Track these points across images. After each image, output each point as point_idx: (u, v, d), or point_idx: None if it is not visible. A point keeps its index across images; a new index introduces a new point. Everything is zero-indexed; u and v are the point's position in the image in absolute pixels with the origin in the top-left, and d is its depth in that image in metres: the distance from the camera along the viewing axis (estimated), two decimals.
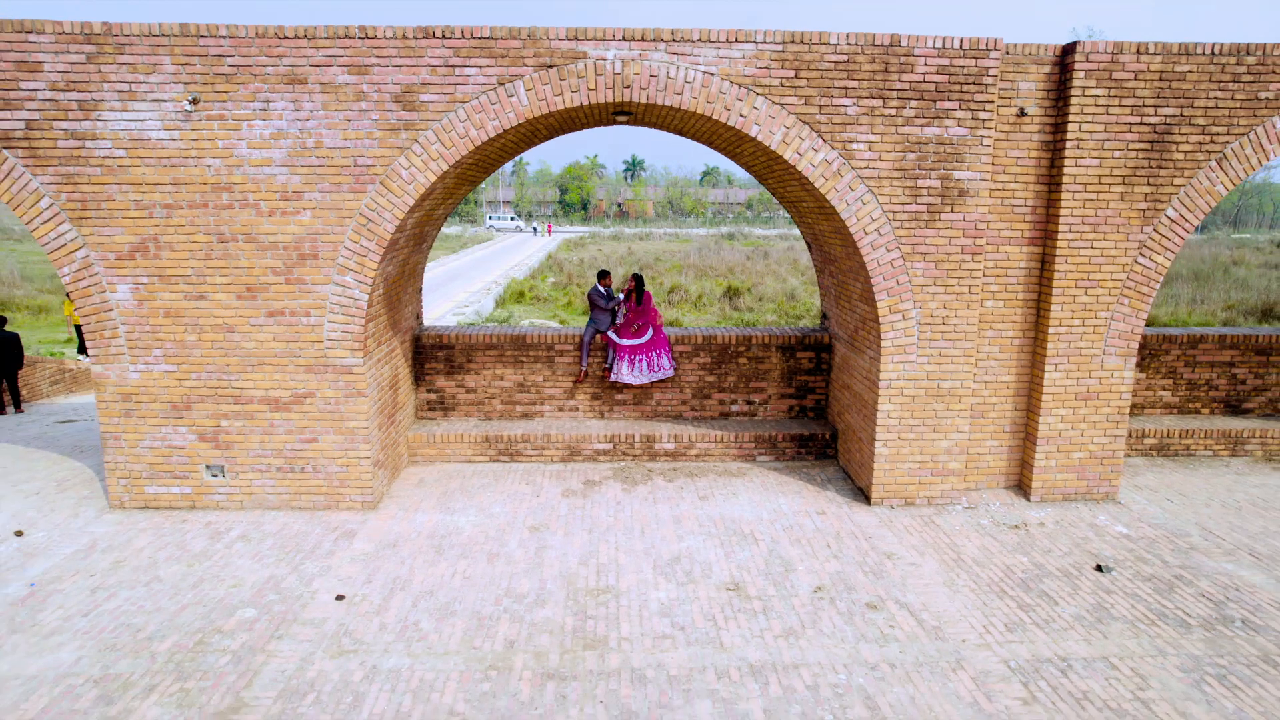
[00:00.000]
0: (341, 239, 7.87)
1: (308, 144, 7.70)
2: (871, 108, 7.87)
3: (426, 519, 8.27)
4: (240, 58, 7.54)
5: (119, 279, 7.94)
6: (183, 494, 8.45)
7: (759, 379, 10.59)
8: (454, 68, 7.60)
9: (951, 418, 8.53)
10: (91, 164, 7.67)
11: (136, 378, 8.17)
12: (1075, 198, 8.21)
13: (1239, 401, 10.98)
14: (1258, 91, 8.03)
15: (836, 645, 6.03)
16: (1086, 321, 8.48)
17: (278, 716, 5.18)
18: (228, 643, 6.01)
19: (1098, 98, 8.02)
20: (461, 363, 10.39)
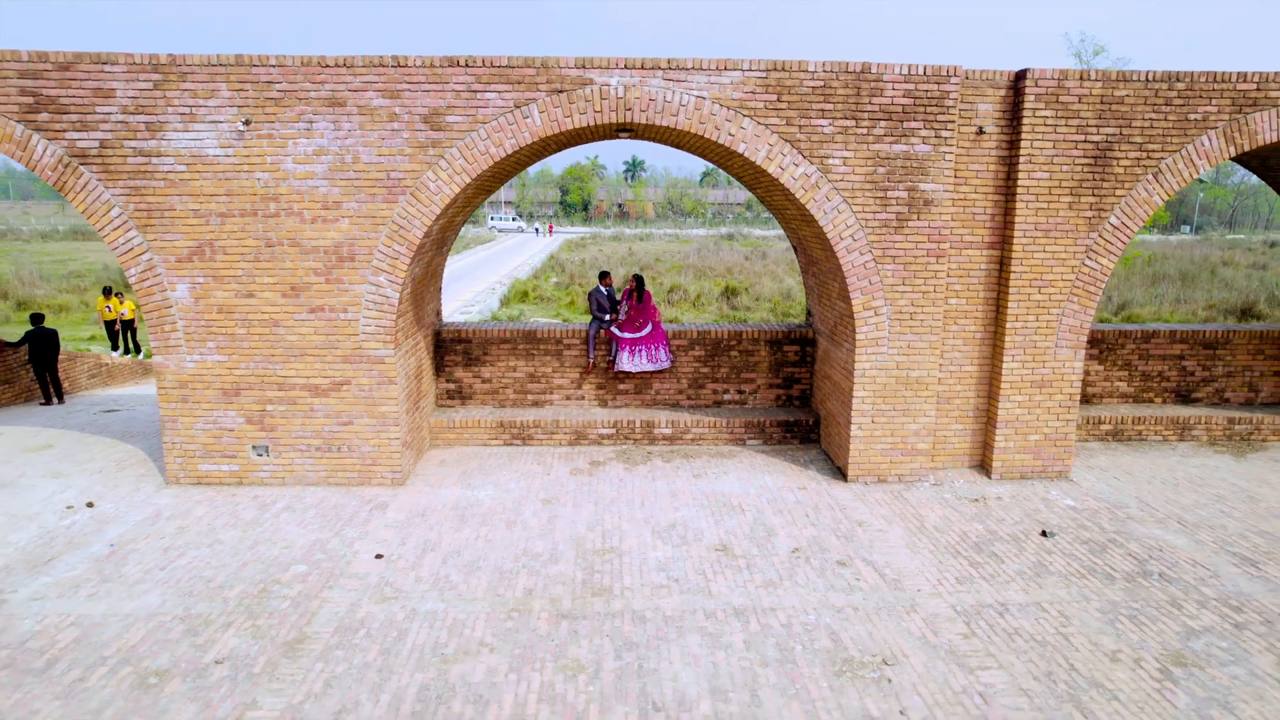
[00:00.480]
0: (376, 244, 8.88)
1: (346, 160, 8.71)
2: (845, 127, 8.88)
3: (450, 493, 9.28)
4: (287, 84, 8.55)
5: (178, 279, 8.95)
6: (231, 471, 9.46)
7: (749, 370, 11.60)
8: (476, 93, 8.61)
9: (919, 403, 9.53)
10: (156, 178, 8.68)
11: (192, 367, 9.18)
12: (1029, 207, 9.21)
13: (1188, 391, 11.99)
14: (1187, 114, 9.03)
15: (809, 594, 7.04)
16: (1040, 317, 9.48)
17: (336, 645, 6.19)
18: (286, 591, 7.02)
19: (1047, 118, 9.02)
20: (478, 355, 11.40)
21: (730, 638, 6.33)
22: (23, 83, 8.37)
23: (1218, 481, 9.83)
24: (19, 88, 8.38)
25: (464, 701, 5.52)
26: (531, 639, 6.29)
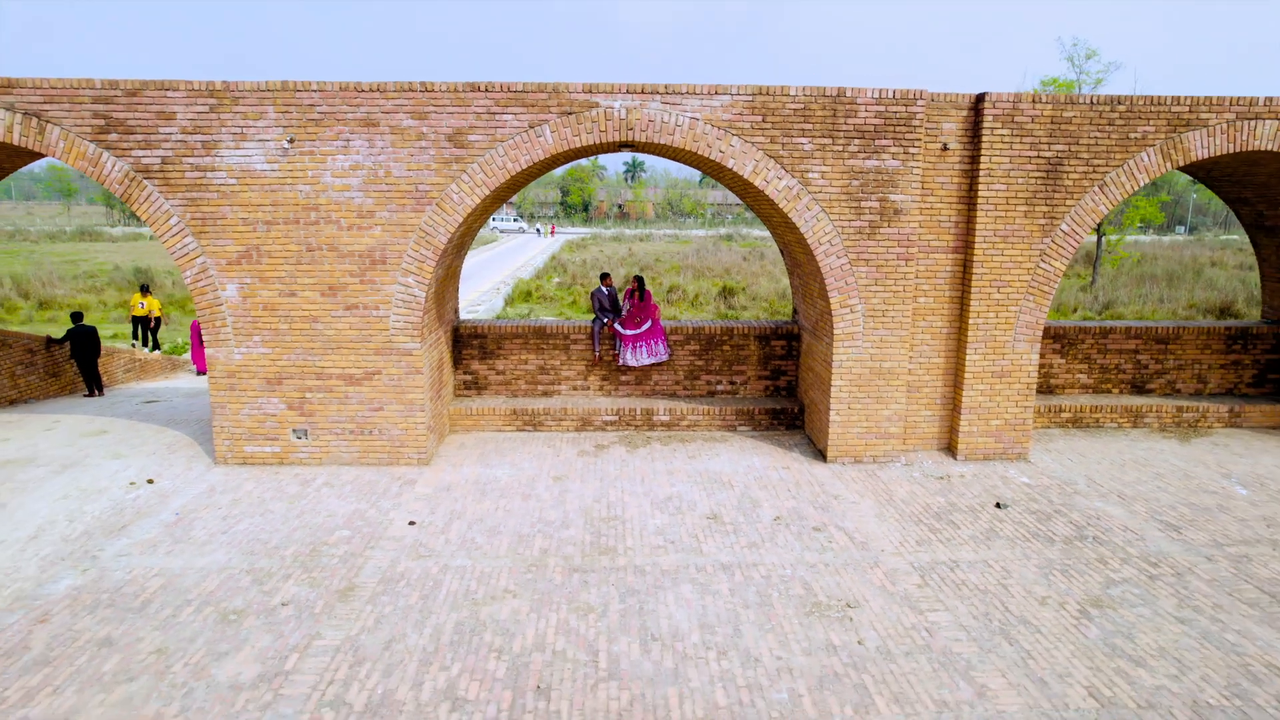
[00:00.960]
0: (405, 248, 9.97)
1: (379, 174, 9.80)
2: (823, 145, 9.96)
3: (470, 471, 10.37)
4: (327, 106, 9.64)
5: (228, 280, 10.04)
6: (273, 452, 10.54)
7: (740, 363, 12.68)
8: (495, 114, 9.70)
9: (891, 392, 10.62)
10: (210, 190, 9.76)
11: (239, 358, 10.27)
12: (988, 215, 10.29)
13: (1143, 383, 13.07)
14: (1128, 133, 10.12)
15: (787, 553, 8.12)
16: (999, 314, 10.57)
17: (381, 592, 7.28)
18: (334, 550, 8.11)
19: (1004, 136, 10.10)
20: (492, 349, 12.49)
21: (718, 586, 7.42)
22: (95, 107, 9.45)
23: (1160, 462, 10.92)
24: (92, 111, 9.47)
25: (493, 634, 6.60)
26: (548, 587, 7.38)
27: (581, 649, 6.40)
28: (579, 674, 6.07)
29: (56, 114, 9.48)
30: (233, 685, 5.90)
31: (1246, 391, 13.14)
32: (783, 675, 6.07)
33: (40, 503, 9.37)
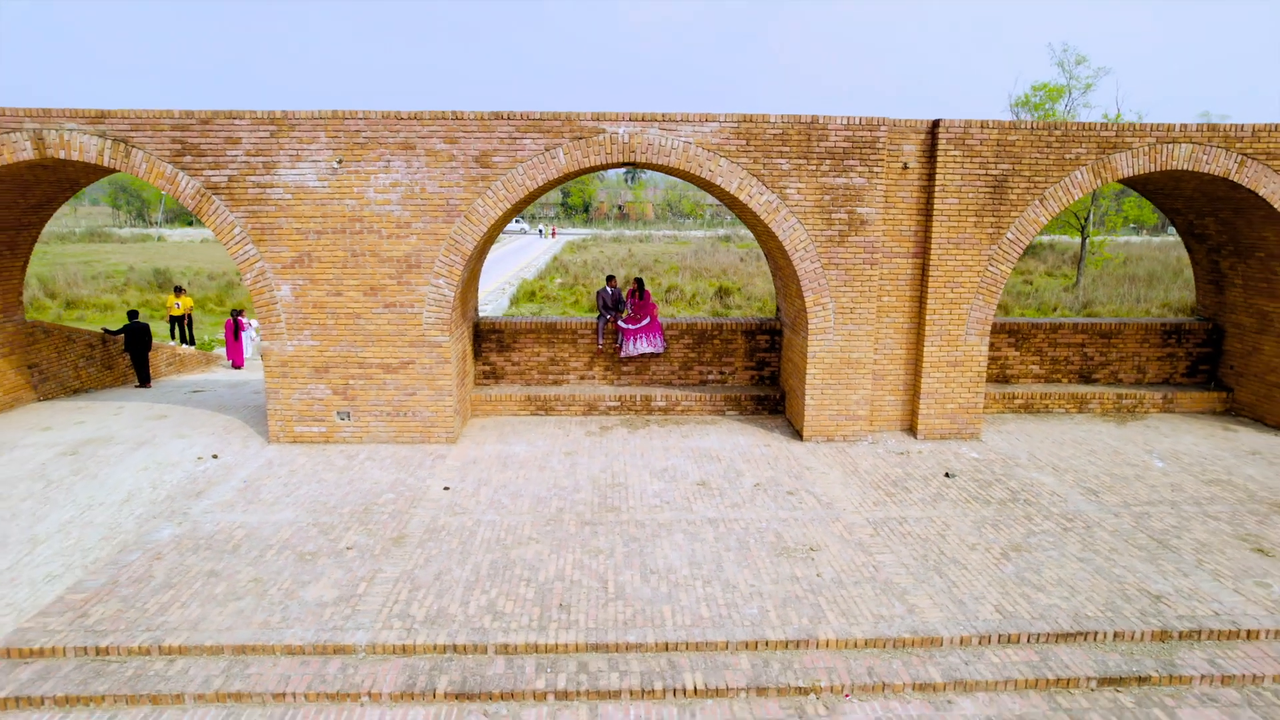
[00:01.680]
0: (437, 254, 11.51)
1: (415, 190, 11.34)
2: (799, 164, 11.51)
3: (492, 448, 11.92)
4: (371, 132, 11.18)
5: (283, 281, 11.58)
6: (319, 431, 12.08)
7: (729, 355, 14.23)
8: (515, 139, 11.24)
9: (858, 379, 12.17)
10: (269, 204, 11.31)
11: (292, 350, 11.81)
12: (943, 225, 11.84)
13: (1089, 373, 14.63)
14: (1064, 154, 11.67)
15: (763, 511, 9.67)
16: (953, 311, 12.12)
17: (428, 539, 8.82)
18: (383, 509, 9.66)
19: (956, 157, 11.65)
20: (509, 343, 14.04)
21: (704, 535, 8.97)
22: (173, 134, 11.00)
23: (1095, 441, 12.48)
24: (170, 137, 11.01)
25: (522, 569, 8.15)
26: (564, 536, 8.93)
27: (594, 579, 7.96)
28: (592, 596, 7.63)
29: (140, 140, 11.03)
30: (318, 603, 7.45)
31: (1180, 381, 14.70)
32: (754, 597, 7.62)
33: (125, 473, 10.92)
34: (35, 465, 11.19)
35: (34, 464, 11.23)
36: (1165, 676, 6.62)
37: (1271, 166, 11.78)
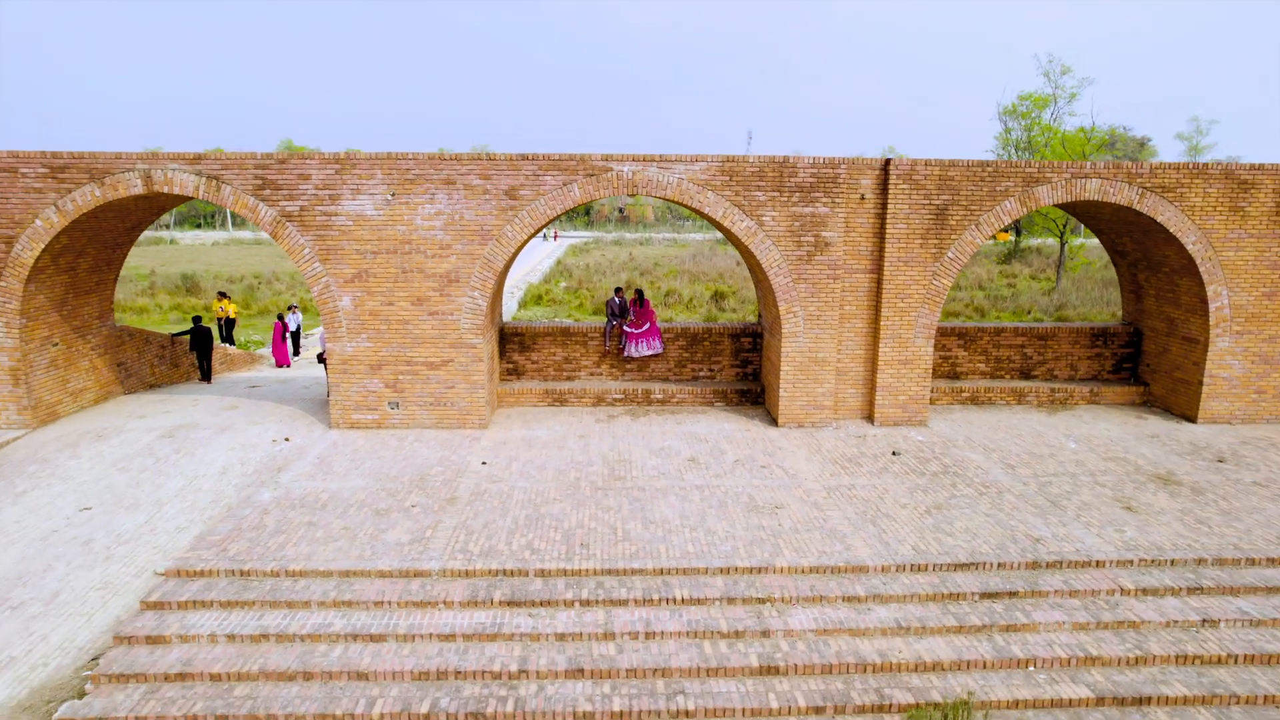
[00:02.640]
0: (473, 271, 13.85)
1: (455, 218, 13.68)
2: (774, 196, 13.85)
3: (518, 432, 14.26)
4: (419, 170, 13.52)
5: (344, 293, 13.92)
6: (373, 419, 14.42)
7: (717, 355, 16.58)
8: (538, 176, 13.59)
9: (824, 375, 14.51)
10: (333, 230, 13.65)
11: (351, 350, 14.15)
12: (894, 246, 14.18)
13: (1028, 370, 16.97)
14: (995, 186, 14.01)
15: (740, 480, 12.01)
16: (903, 318, 14.45)
17: (474, 500, 11.16)
18: (435, 479, 12.00)
19: (904, 189, 13.99)
20: (529, 344, 16.38)
21: (692, 498, 11.31)
22: (255, 171, 13.34)
23: (1024, 428, 14.82)
24: (253, 174, 13.36)
25: (550, 520, 10.50)
26: (581, 497, 11.28)
27: (606, 527, 10.31)
28: (605, 538, 9.97)
29: (229, 177, 13.38)
30: (397, 544, 9.80)
31: (1107, 377, 17.05)
32: (729, 539, 9.97)
33: (216, 452, 13.28)
34: (143, 445, 13.55)
35: (142, 444, 13.59)
36: (1029, 591, 8.97)
37: (1166, 198, 14.13)
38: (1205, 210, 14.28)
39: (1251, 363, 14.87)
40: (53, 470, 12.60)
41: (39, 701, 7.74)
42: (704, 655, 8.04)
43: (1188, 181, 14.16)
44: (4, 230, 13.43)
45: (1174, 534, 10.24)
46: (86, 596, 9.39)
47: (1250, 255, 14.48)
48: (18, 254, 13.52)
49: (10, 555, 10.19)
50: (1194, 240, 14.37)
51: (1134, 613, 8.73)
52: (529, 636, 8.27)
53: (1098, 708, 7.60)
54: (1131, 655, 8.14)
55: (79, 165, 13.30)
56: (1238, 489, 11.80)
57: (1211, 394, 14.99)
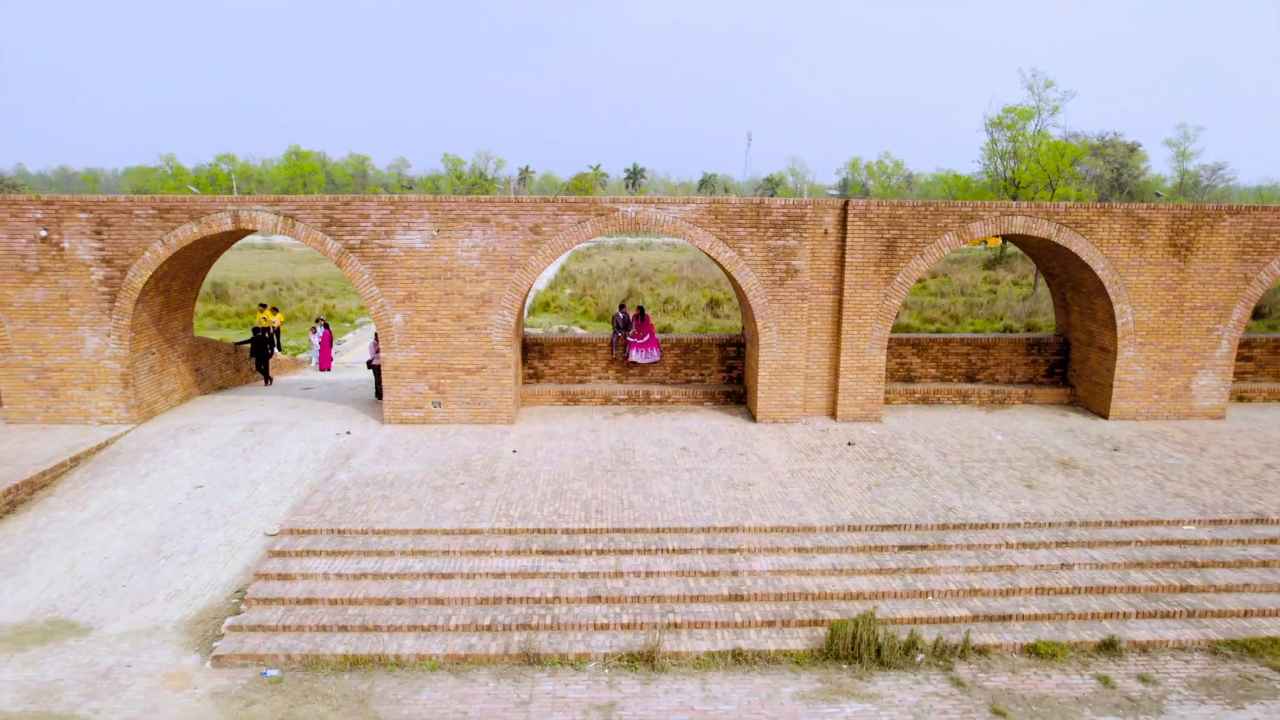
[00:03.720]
0: (503, 294, 16.74)
1: (488, 250, 16.57)
2: (752, 231, 16.74)
3: (540, 427, 17.16)
4: (459, 210, 16.42)
5: (396, 311, 16.81)
6: (419, 416, 17.31)
7: (707, 362, 19.47)
8: (558, 215, 16.48)
9: (794, 380, 17.40)
10: (388, 260, 16.54)
11: (401, 359, 17.04)
12: (852, 272, 17.06)
13: (973, 374, 19.86)
14: (935, 223, 16.90)
15: (722, 464, 14.91)
16: (860, 332, 17.34)
17: (510, 479, 14.06)
18: (476, 463, 14.89)
19: (860, 226, 16.88)
20: (546, 352, 19.28)
21: (683, 478, 14.21)
22: (324, 211, 16.24)
23: (962, 423, 17.72)
24: (322, 213, 16.26)
25: (571, 494, 13.39)
26: (594, 477, 14.18)
27: (615, 499, 13.20)
28: (615, 506, 12.87)
29: (302, 215, 16.28)
30: (454, 510, 12.69)
31: (1040, 381, 19.94)
32: (710, 507, 12.86)
33: (291, 444, 16.18)
34: (230, 437, 16.45)
35: (228, 437, 16.49)
36: (937, 545, 11.87)
37: (1079, 232, 17.02)
38: (1111, 242, 17.18)
39: (1152, 369, 17.77)
40: (163, 457, 15.49)
41: (206, 619, 10.64)
42: (688, 587, 10.94)
43: (1096, 219, 17.06)
44: (120, 261, 16.33)
45: (1058, 504, 13.14)
46: (217, 550, 12.30)
47: (1149, 279, 17.37)
48: (129, 280, 16.41)
49: (152, 521, 13.10)
50: (1103, 267, 17.27)
51: (1012, 560, 11.63)
52: (559, 575, 11.17)
53: (971, 623, 10.50)
54: (1004, 588, 11.04)
55: (181, 207, 16.20)
56: (1120, 471, 14.71)
57: (1120, 395, 17.90)
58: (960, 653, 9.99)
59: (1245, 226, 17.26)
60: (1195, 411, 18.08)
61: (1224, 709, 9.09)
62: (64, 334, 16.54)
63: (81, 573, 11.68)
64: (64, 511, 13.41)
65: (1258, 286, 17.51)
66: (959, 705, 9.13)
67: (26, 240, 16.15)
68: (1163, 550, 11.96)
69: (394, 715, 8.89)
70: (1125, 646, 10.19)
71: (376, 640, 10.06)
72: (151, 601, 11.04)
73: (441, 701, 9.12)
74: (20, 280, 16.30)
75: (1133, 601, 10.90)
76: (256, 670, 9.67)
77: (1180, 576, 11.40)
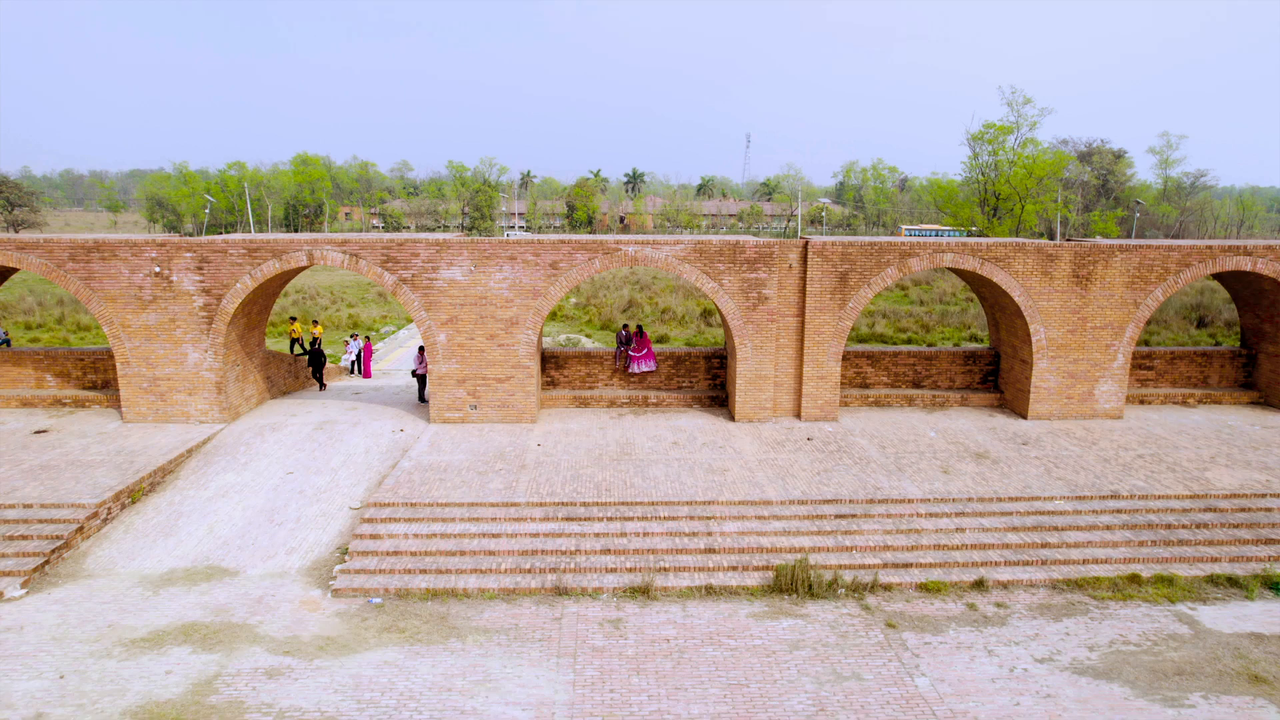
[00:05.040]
0: (527, 317, 20.57)
1: (516, 281, 20.40)
2: (730, 266, 20.57)
3: (557, 425, 21.00)
4: (492, 250, 20.24)
5: (440, 331, 20.64)
6: (458, 417, 21.14)
7: (695, 371, 23.31)
8: (572, 253, 20.31)
9: (766, 387, 21.23)
10: (435, 289, 20.38)
11: (445, 370, 20.88)
12: (812, 299, 20.89)
13: (918, 382, 23.69)
14: (880, 259, 20.73)
15: (705, 455, 18.74)
16: (820, 348, 21.17)
17: (537, 466, 17.90)
18: (509, 454, 18.72)
19: (819, 261, 20.70)
20: (562, 364, 23.11)
21: (674, 465, 18.05)
22: (382, 250, 20.09)
23: (904, 422, 21.54)
24: (380, 252, 20.10)
25: (585, 477, 17.23)
26: (604, 464, 18.02)
27: (620, 481, 17.04)
28: (620, 486, 16.70)
29: (364, 253, 20.12)
30: (496, 489, 16.53)
31: (976, 387, 23.77)
32: (694, 487, 16.69)
33: (356, 439, 20.02)
34: (305, 434, 20.28)
35: (304, 434, 20.31)
36: (864, 514, 15.70)
37: (999, 265, 20.84)
38: (1026, 274, 21.01)
39: (1062, 378, 21.61)
40: (255, 450, 19.33)
41: (319, 566, 14.48)
42: (674, 544, 14.78)
43: (1013, 254, 20.90)
44: (216, 290, 20.16)
45: (964, 485, 16.97)
46: (315, 520, 16.13)
47: (1057, 304, 21.20)
48: (223, 306, 20.24)
49: (260, 498, 16.94)
50: (1019, 294, 21.10)
51: (919, 525, 15.46)
52: (579, 535, 15.01)
53: (881, 568, 14.33)
54: (910, 545, 14.87)
55: (266, 247, 20.05)
56: (1021, 460, 18.55)
57: (1036, 399, 21.73)
58: (870, 588, 13.82)
59: (1134, 261, 21.10)
60: (1098, 413, 21.91)
61: (1048, 622, 12.93)
62: (171, 350, 20.38)
63: (219, 535, 15.52)
64: (192, 491, 17.25)
65: (1145, 310, 21.35)
66: (864, 621, 12.96)
67: (143, 275, 19.99)
68: (1035, 518, 15.80)
69: (466, 626, 12.72)
70: (991, 584, 14.02)
71: (448, 579, 13.90)
72: (275, 555, 14.88)
73: (498, 618, 12.95)
74: (138, 307, 20.14)
75: (1004, 554, 14.74)
76: (364, 599, 13.50)
77: (1042, 536, 15.24)
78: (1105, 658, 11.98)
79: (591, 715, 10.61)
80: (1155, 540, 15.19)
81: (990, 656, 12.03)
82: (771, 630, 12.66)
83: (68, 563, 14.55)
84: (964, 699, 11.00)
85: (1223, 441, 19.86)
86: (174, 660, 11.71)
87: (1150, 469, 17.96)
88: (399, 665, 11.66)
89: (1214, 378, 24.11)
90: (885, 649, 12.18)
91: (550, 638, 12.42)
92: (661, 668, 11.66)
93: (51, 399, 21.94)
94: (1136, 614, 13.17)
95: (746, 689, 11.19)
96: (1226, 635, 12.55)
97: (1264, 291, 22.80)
